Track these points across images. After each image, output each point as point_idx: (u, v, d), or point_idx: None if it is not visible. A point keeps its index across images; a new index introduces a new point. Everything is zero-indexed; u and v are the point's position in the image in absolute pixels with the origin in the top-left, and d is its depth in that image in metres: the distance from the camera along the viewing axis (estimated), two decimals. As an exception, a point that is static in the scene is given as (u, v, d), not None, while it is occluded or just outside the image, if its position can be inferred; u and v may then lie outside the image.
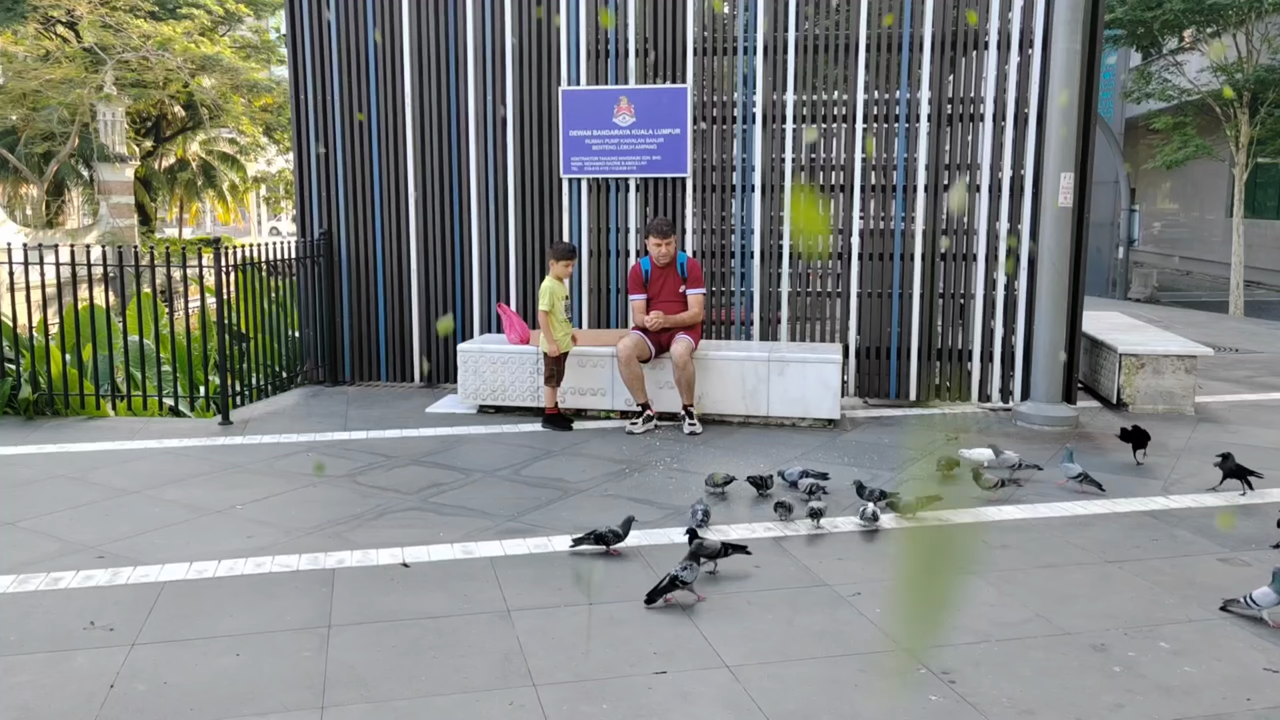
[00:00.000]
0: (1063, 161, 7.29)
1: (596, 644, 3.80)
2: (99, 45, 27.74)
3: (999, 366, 8.05)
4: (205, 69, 29.84)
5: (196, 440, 6.98)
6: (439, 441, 6.97)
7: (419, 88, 8.53)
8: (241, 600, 4.21)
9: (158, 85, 29.14)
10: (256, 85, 32.67)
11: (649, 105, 8.20)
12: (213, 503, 5.54)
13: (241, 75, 31.22)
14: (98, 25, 28.07)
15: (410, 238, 8.69)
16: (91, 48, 27.83)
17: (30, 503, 5.52)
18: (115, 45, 27.99)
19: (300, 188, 8.80)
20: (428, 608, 4.14)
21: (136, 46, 28.38)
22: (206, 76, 30.02)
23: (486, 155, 8.51)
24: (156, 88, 29.32)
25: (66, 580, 4.40)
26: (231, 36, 34.04)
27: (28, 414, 7.56)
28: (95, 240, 28.63)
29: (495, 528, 5.16)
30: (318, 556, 4.71)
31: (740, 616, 4.06)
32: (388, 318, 8.83)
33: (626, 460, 6.48)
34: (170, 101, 32.10)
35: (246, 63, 32.24)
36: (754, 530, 5.08)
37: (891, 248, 8.08)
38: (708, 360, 7.41)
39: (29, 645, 3.77)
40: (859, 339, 8.22)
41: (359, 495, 5.70)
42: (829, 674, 3.55)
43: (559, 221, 8.51)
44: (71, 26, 28.99)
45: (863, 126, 7.99)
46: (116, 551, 4.77)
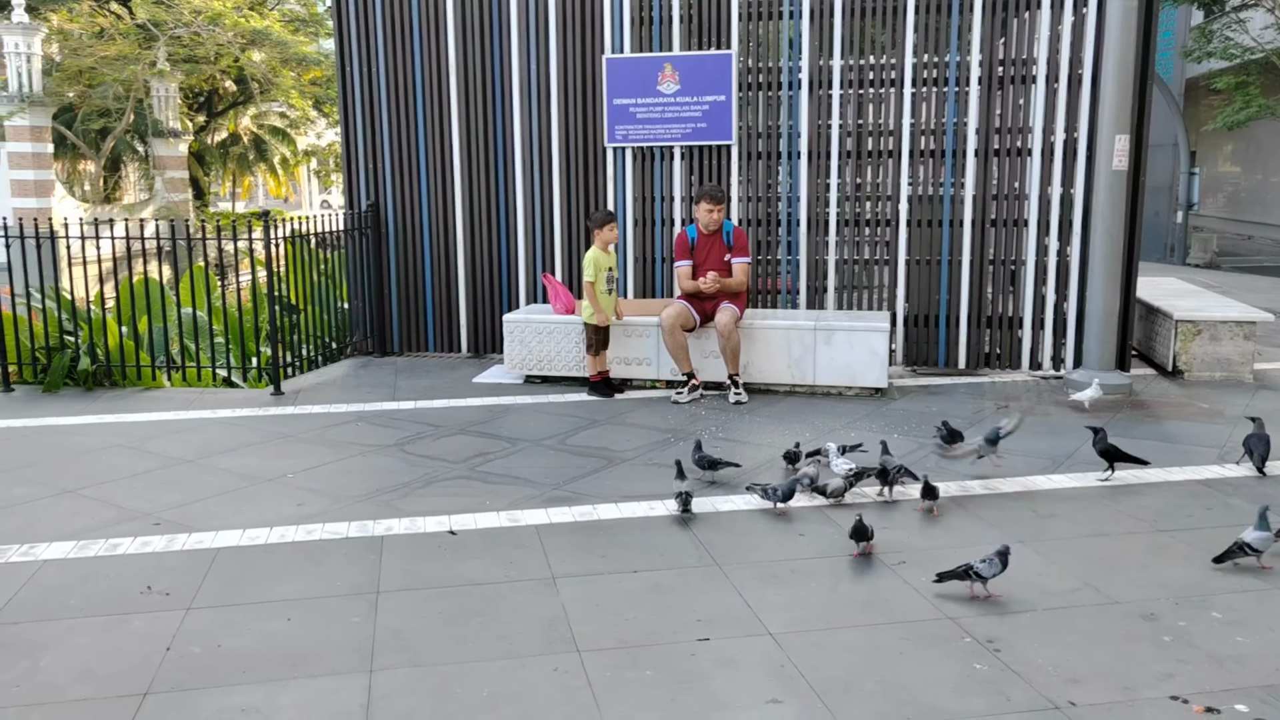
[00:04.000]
0: (1118, 123, 7.09)
1: (640, 611, 3.82)
2: (151, 21, 28.12)
3: (1050, 334, 7.90)
4: (255, 43, 30.13)
5: (249, 410, 7.11)
6: (486, 411, 7.03)
7: (463, 58, 8.53)
8: (292, 566, 4.30)
9: (209, 60, 29.48)
10: (305, 59, 32.94)
11: (693, 72, 8.12)
12: (265, 471, 5.65)
13: (290, 49, 31.50)
14: (150, 2, 28.46)
15: (456, 209, 8.73)
16: (144, 24, 28.23)
17: (90, 471, 5.67)
18: (167, 21, 28.36)
19: (348, 160, 8.87)
20: (474, 574, 4.20)
21: (188, 22, 28.73)
22: (256, 51, 30.33)
23: (531, 125, 8.50)
24: (208, 63, 29.66)
25: (125, 546, 4.53)
26: (280, 10, 34.33)
27: (87, 385, 7.76)
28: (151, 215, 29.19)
29: (541, 496, 5.20)
30: (366, 524, 4.78)
31: (784, 584, 4.05)
32: (435, 288, 8.90)
33: (671, 430, 6.48)
34: (221, 76, 32.47)
35: (295, 36, 32.52)
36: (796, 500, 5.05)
37: (940, 214, 7.95)
38: (753, 329, 7.37)
39: (89, 609, 3.88)
40: (907, 307, 8.11)
41: (407, 464, 5.78)
42: (873, 642, 3.54)
43: (603, 191, 8.49)
44: (124, 3, 29.41)
45: (911, 91, 7.84)
46: (172, 519, 4.89)
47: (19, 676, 3.36)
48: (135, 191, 34.03)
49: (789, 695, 3.19)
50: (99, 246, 7.90)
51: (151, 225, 11.12)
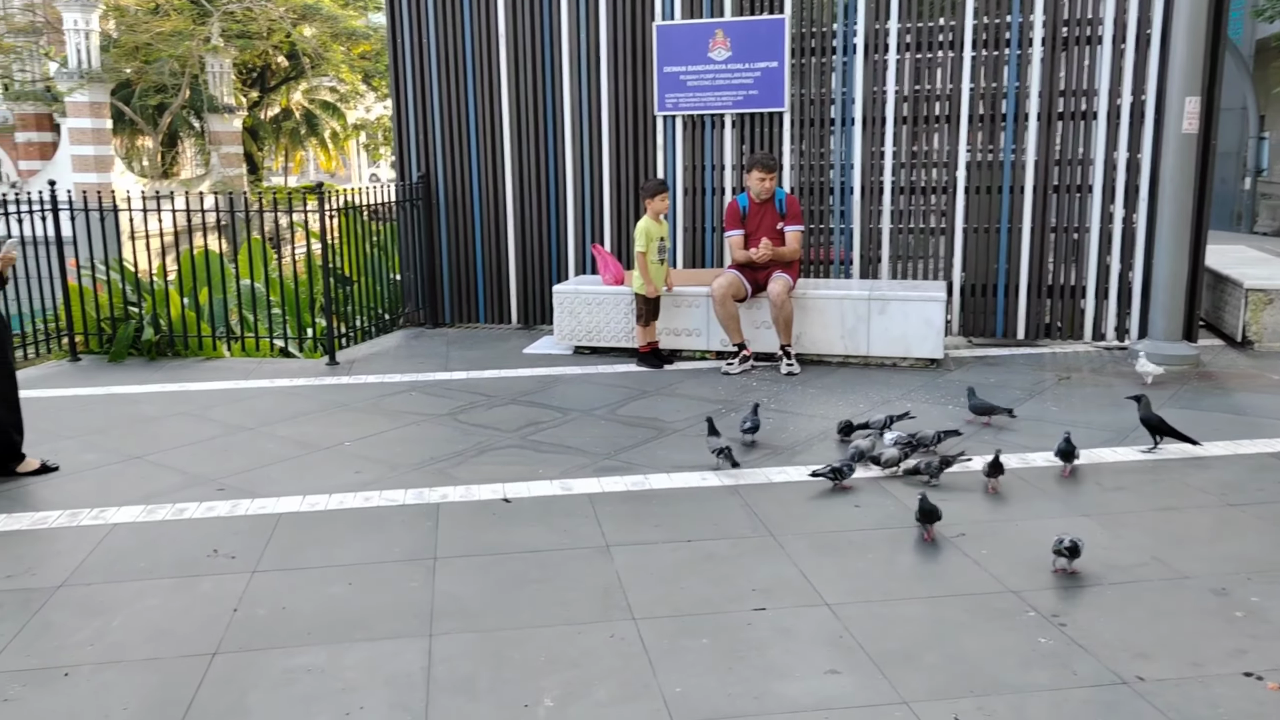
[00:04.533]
0: (1188, 85, 6.87)
1: (695, 580, 3.81)
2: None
3: (1114, 303, 7.71)
4: (306, 18, 30.36)
5: (305, 380, 7.21)
6: (536, 381, 7.05)
7: (513, 27, 8.49)
8: (352, 532, 4.36)
9: (262, 36, 29.76)
10: (355, 33, 33.13)
11: (745, 38, 8.00)
12: (322, 439, 5.73)
13: (340, 23, 31.69)
14: (203, -22, 28.77)
15: (506, 179, 8.73)
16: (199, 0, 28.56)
17: (155, 438, 5.80)
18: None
19: (399, 131, 8.90)
20: (529, 542, 4.22)
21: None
22: (307, 25, 30.55)
23: (580, 94, 8.45)
24: (260, 38, 29.94)
25: (190, 511, 4.62)
26: (329, -16, 34.50)
27: (150, 355, 7.92)
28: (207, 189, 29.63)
29: (593, 465, 5.21)
30: (422, 491, 4.83)
31: (840, 555, 4.02)
32: (485, 260, 8.92)
33: (722, 400, 6.45)
34: (274, 52, 32.78)
35: (344, 10, 32.69)
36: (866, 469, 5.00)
37: (1000, 180, 7.77)
38: (806, 299, 7.29)
39: (158, 571, 3.97)
40: (964, 276, 7.97)
41: (460, 433, 5.82)
42: (932, 614, 3.50)
43: (653, 160, 8.43)
44: (179, -21, 29.75)
45: (971, 54, 7.65)
46: (235, 484, 4.98)
47: (92, 636, 3.45)
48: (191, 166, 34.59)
49: (848, 666, 3.16)
50: (160, 220, 8.02)
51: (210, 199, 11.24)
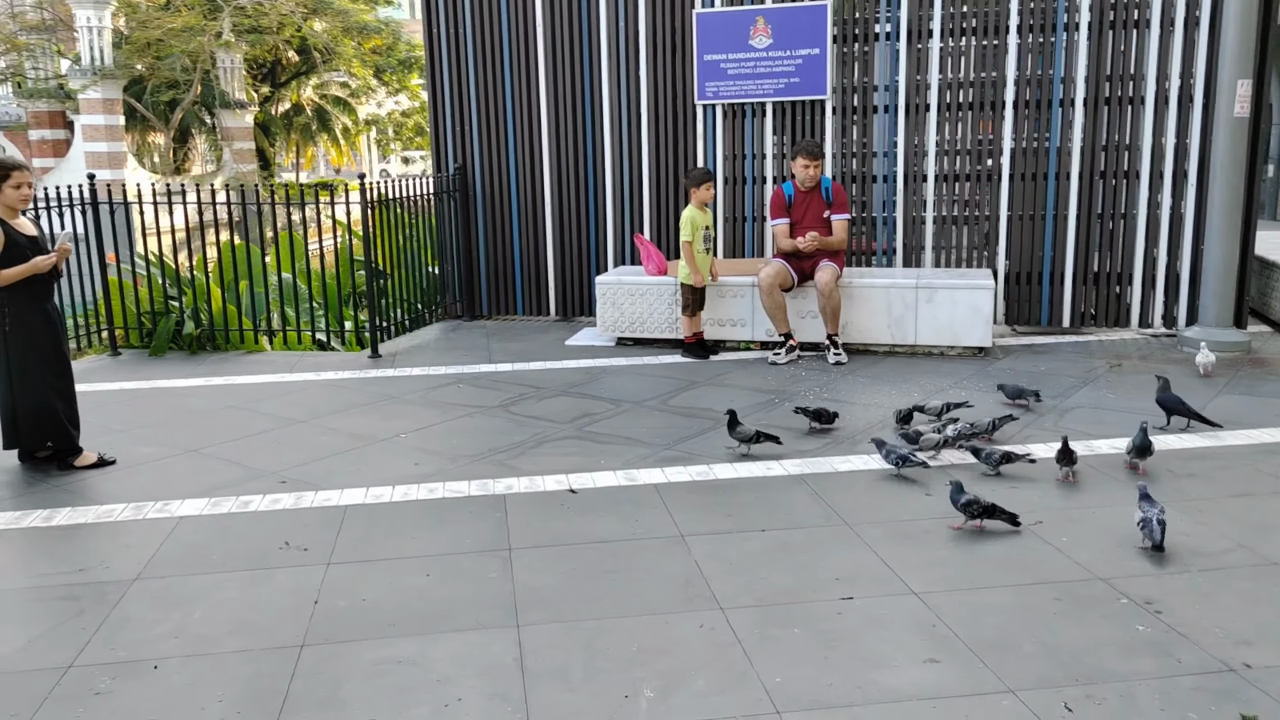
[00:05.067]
0: (1239, 68, 6.78)
1: (775, 569, 3.77)
2: (216, -8, 28.46)
3: (1161, 290, 7.63)
4: (317, 13, 30.34)
5: (350, 373, 7.18)
6: (583, 373, 7.01)
7: (550, 16, 8.44)
8: (421, 524, 4.33)
9: (272, 30, 29.74)
10: (366, 27, 33.09)
11: (787, 25, 7.93)
12: (376, 432, 5.70)
13: (351, 18, 31.66)
14: (215, -28, 28.76)
15: (544, 170, 8.68)
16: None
17: (209, 431, 5.78)
18: (232, -8, 28.66)
19: (435, 122, 8.86)
20: (601, 532, 4.18)
21: (252, -9, 28.99)
22: (318, 20, 30.53)
23: (619, 83, 8.40)
24: (271, 33, 29.92)
25: (255, 504, 4.60)
26: (339, -21, 34.47)
27: (191, 349, 7.90)
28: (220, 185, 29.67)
29: (654, 455, 5.17)
30: (486, 483, 4.80)
31: (919, 544, 3.97)
32: (523, 251, 8.88)
33: (774, 390, 6.40)
34: (284, 47, 32.78)
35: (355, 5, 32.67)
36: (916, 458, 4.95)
37: (1045, 167, 7.70)
38: (852, 288, 7.23)
39: (231, 564, 3.95)
40: (1008, 264, 7.89)
41: (515, 424, 5.79)
42: (1023, 602, 3.45)
43: (693, 149, 8.38)
44: (189, -26, 29.75)
45: (1016, 40, 7.57)
46: (296, 477, 4.95)
47: (174, 628, 3.43)
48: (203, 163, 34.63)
49: (946, 655, 3.12)
50: (171, 215, 7.97)
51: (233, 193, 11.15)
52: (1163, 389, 5.41)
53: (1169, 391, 5.40)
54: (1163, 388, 5.42)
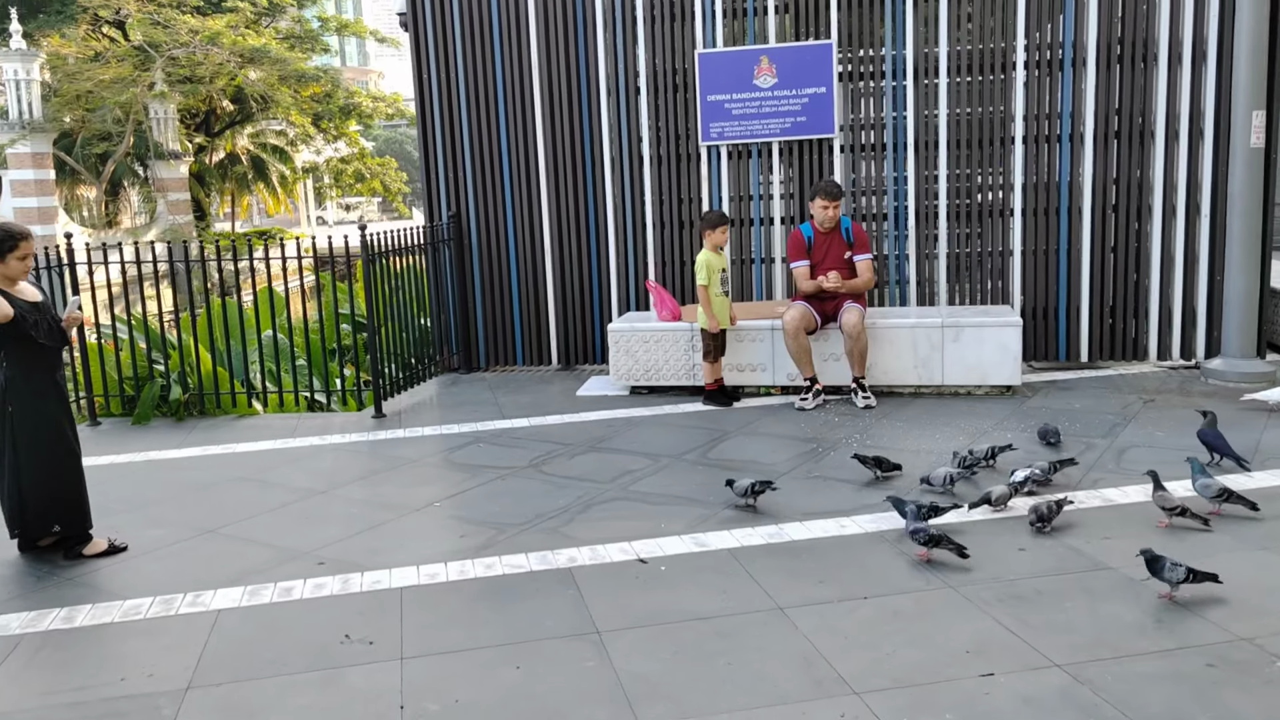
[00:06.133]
0: (1254, 99, 6.79)
1: (897, 643, 3.49)
2: (148, 43, 27.78)
3: (1179, 323, 7.58)
4: (254, 61, 29.80)
5: (357, 435, 6.77)
6: (606, 426, 6.69)
7: (547, 58, 8.20)
8: (488, 605, 3.97)
9: (206, 80, 29.14)
10: (304, 75, 32.61)
11: (792, 64, 7.80)
12: (406, 500, 5.31)
13: (289, 66, 31.18)
14: (147, 23, 28.09)
15: (543, 216, 8.39)
16: (141, 46, 27.86)
17: (222, 507, 5.33)
18: (165, 42, 28.00)
19: (426, 170, 8.53)
20: (690, 607, 3.86)
21: (185, 42, 28.37)
22: (253, 69, 29.97)
23: (620, 126, 8.17)
24: (205, 83, 29.31)
25: (298, 590, 4.19)
26: (274, 28, 34.01)
27: (178, 415, 7.40)
28: (156, 237, 28.76)
29: (714, 516, 4.87)
30: (545, 555, 4.45)
31: (1035, 605, 3.73)
32: (522, 299, 8.56)
33: (812, 439, 6.15)
34: (219, 96, 32.16)
35: (292, 53, 32.21)
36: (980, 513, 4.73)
37: (1057, 202, 7.63)
38: (876, 328, 7.04)
39: (292, 663, 3.55)
40: (1023, 299, 7.79)
41: (554, 487, 5.44)
42: (1176, 670, 3.22)
43: (698, 192, 8.17)
44: (119, 26, 29.06)
45: (1024, 76, 7.52)
46: (334, 556, 4.55)
47: (249, 747, 3.02)
48: (132, 215, 33.65)
49: (1124, 737, 2.86)
50: (107, 271, 7.53)
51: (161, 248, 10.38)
52: (1208, 424, 5.28)
53: (1214, 427, 5.26)
54: (1209, 423, 5.29)
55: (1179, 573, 3.62)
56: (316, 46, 37.29)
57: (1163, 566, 3.65)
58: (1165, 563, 3.65)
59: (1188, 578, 3.62)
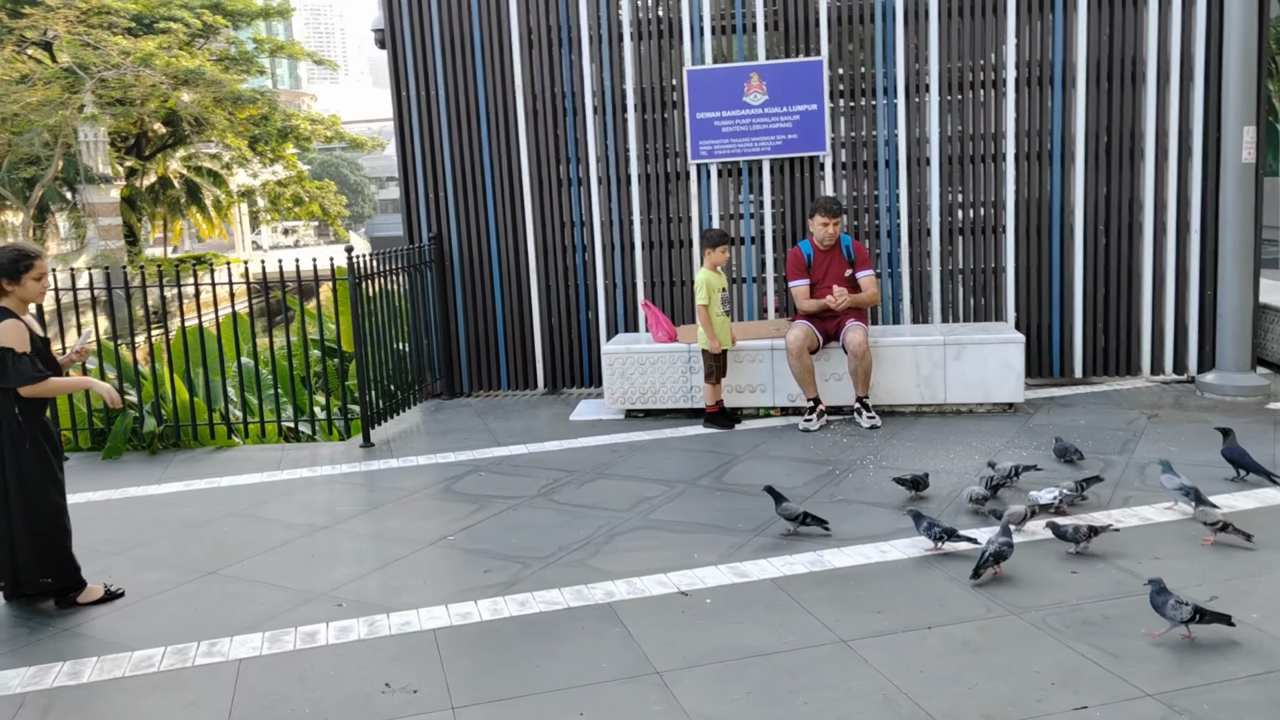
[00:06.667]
0: (1244, 115, 6.87)
1: (977, 675, 3.34)
2: (78, 64, 26.96)
3: (1172, 338, 7.62)
4: (188, 83, 29.09)
5: (348, 466, 6.46)
6: (609, 451, 6.48)
7: (530, 75, 8.00)
8: (533, 646, 3.73)
9: (138, 103, 28.36)
10: (240, 98, 31.94)
11: (782, 81, 7.71)
12: (417, 534, 5.04)
13: (225, 88, 30.51)
14: (76, 44, 27.25)
15: (528, 236, 8.17)
16: (70, 67, 27.01)
17: (219, 546, 5.00)
18: (95, 64, 27.20)
19: (405, 191, 8.26)
20: (748, 642, 3.67)
21: (116, 64, 27.59)
22: (187, 91, 29.25)
23: (607, 144, 8.00)
24: (137, 105, 28.52)
25: (322, 635, 3.90)
26: (208, 50, 33.31)
27: (152, 449, 7.00)
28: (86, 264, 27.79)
29: (747, 544, 4.69)
30: (580, 590, 4.22)
31: (1107, 631, 3.60)
32: (507, 322, 8.31)
33: (827, 461, 6.01)
34: (150, 118, 31.35)
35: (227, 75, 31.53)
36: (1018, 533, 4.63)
37: (1050, 219, 7.64)
38: (878, 347, 6.94)
39: (334, 716, 3.27)
40: (1017, 315, 7.77)
41: (571, 517, 5.21)
42: (1273, 695, 3.11)
43: (687, 210, 8.03)
44: (46, 47, 28.18)
45: (1014, 94, 7.53)
46: (353, 597, 4.27)
47: (305, 816, 2.75)
48: (59, 240, 32.56)
49: (1244, 770, 2.74)
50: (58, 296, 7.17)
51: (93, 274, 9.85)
52: (1231, 442, 5.28)
53: (1235, 444, 5.27)
54: (1231, 440, 5.28)
55: (1184, 611, 3.40)
56: (251, 68, 36.61)
57: (1165, 604, 3.44)
58: (1170, 600, 3.43)
59: (1194, 617, 3.40)
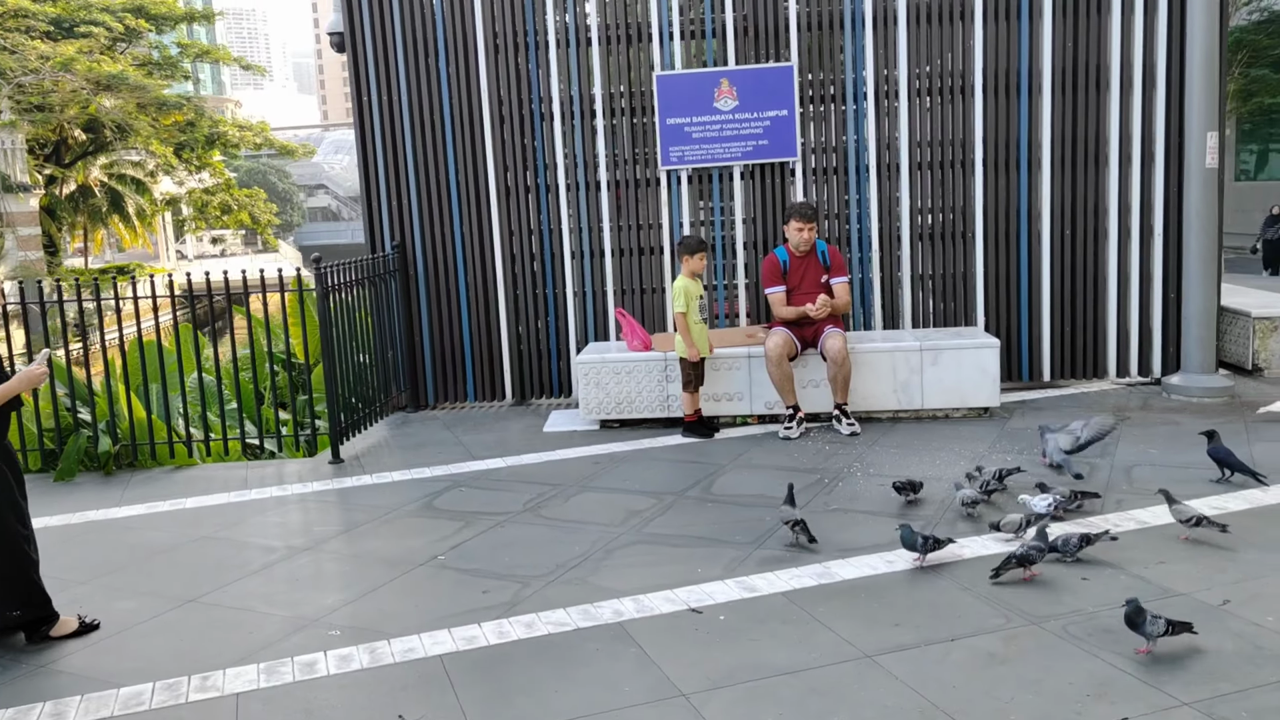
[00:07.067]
0: (1207, 120, 7.01)
1: (1013, 690, 3.28)
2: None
3: (1136, 341, 7.74)
4: (111, 89, 28.19)
5: (319, 484, 6.22)
6: (590, 464, 6.34)
7: (497, 79, 7.84)
8: (548, 670, 3.58)
9: (58, 109, 27.38)
10: (165, 103, 31.05)
11: (753, 86, 7.67)
12: (404, 554, 4.85)
13: (150, 93, 29.64)
14: (-8, 49, 26.25)
15: (495, 244, 7.99)
16: (-15, 73, 26.02)
17: (193, 572, 4.75)
18: (13, 68, 26.20)
19: (367, 198, 8.02)
20: (770, 660, 3.57)
21: (35, 68, 26.62)
22: (109, 97, 28.34)
23: (575, 150, 7.87)
24: (56, 111, 27.54)
25: (321, 665, 3.70)
26: (131, 54, 32.34)
27: (107, 469, 6.66)
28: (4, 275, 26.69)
29: (750, 557, 4.59)
30: (587, 609, 4.08)
31: (1129, 640, 3.55)
32: (473, 332, 8.11)
33: (814, 469, 5.95)
34: (70, 125, 30.29)
35: (150, 80, 30.64)
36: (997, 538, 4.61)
37: (1018, 225, 7.71)
38: (855, 353, 6.90)
39: (348, 756, 3.09)
40: (986, 320, 7.82)
41: (562, 532, 5.07)
42: (1307, 700, 3.11)
43: (658, 217, 7.93)
44: (-42, 53, 27.10)
45: (982, 100, 7.58)
46: (347, 623, 4.07)
47: None
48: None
49: (1298, 779, 2.71)
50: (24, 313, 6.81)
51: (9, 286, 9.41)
52: (1216, 443, 5.34)
53: (1220, 444, 5.34)
54: (1216, 441, 5.35)
55: (1159, 626, 3.40)
56: (176, 73, 35.61)
57: (1144, 621, 3.42)
58: (1147, 616, 3.42)
59: (1167, 630, 3.40)
